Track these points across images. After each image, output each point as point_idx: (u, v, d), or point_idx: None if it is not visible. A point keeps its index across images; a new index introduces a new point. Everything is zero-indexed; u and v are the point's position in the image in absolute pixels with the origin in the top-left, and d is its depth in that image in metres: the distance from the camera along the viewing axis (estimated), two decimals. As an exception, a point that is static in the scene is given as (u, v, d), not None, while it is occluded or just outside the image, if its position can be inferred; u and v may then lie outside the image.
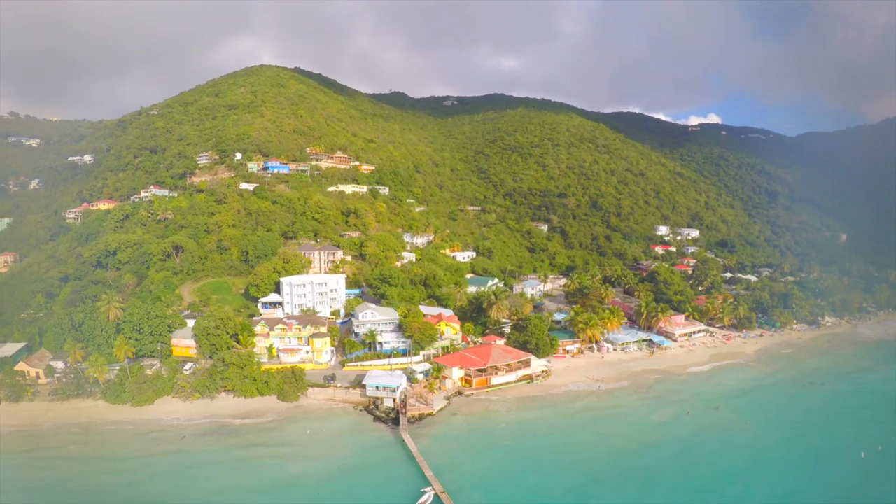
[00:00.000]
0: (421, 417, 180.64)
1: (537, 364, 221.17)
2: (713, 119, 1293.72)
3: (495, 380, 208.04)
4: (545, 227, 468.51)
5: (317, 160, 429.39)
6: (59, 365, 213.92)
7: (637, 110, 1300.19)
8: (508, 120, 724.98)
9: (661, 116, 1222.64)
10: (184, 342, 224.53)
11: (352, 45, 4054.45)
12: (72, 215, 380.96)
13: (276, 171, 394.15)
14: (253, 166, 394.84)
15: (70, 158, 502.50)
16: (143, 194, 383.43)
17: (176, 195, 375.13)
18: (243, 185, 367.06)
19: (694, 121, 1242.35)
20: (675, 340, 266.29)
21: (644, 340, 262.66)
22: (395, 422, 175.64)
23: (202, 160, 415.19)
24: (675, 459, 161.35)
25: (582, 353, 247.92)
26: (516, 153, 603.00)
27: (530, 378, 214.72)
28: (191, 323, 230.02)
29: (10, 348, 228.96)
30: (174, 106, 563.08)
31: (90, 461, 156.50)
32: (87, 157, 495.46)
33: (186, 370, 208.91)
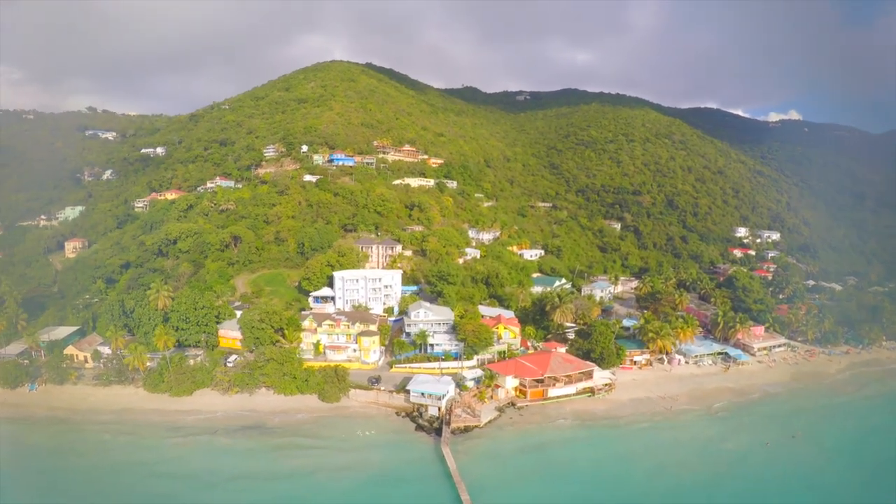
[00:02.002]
0: (466, 430, 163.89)
1: (600, 376, 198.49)
2: (793, 116, 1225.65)
3: (552, 391, 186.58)
4: (618, 226, 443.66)
5: (384, 153, 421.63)
6: (106, 350, 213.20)
7: (714, 106, 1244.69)
8: (582, 115, 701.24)
9: (740, 113, 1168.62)
10: (231, 333, 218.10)
11: (423, 40, 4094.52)
12: (140, 204, 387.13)
13: (340, 163, 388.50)
14: (318, 159, 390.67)
15: (143, 150, 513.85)
16: (208, 185, 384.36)
17: (240, 186, 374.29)
18: (307, 177, 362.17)
19: (774, 117, 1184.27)
20: (752, 355, 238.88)
21: (719, 353, 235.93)
22: (439, 432, 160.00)
23: (269, 152, 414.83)
24: (746, 497, 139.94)
25: (650, 364, 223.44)
26: (590, 149, 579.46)
27: (592, 391, 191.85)
28: (240, 314, 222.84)
29: (63, 331, 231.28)
30: (245, 100, 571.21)
31: (108, 449, 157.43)
32: (159, 150, 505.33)
33: (230, 362, 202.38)
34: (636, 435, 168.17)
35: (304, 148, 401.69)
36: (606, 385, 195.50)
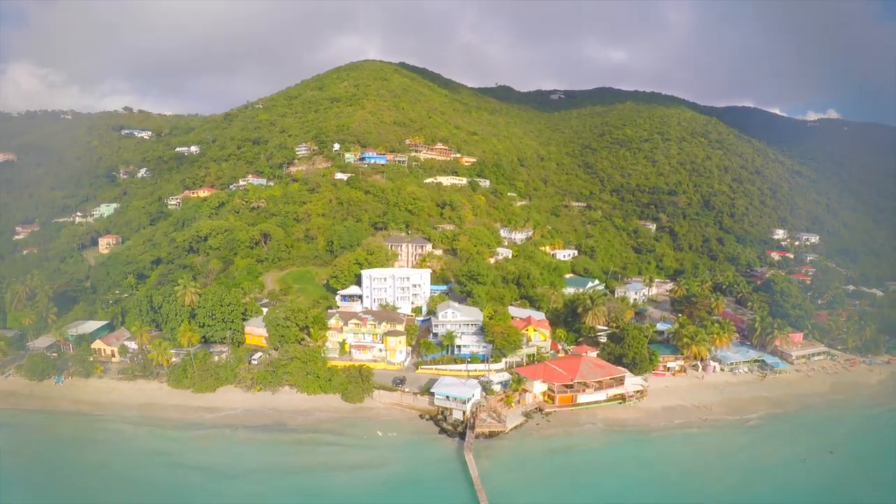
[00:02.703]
0: (491, 435, 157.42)
1: (632, 382, 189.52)
2: (832, 115, 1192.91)
3: (582, 397, 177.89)
4: (653, 227, 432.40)
5: (416, 151, 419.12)
6: (133, 345, 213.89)
7: (751, 104, 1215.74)
8: (617, 113, 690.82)
9: (777, 111, 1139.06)
10: (257, 331, 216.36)
11: (456, 39, 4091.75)
12: (173, 202, 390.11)
13: (372, 161, 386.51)
14: (350, 157, 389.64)
15: (177, 149, 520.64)
16: (240, 183, 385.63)
17: (272, 184, 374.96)
18: (338, 175, 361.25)
19: (812, 116, 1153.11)
20: (790, 363, 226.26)
21: (756, 361, 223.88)
22: (462, 437, 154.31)
23: (301, 151, 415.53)
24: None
25: (684, 371, 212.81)
26: (624, 147, 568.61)
27: (622, 398, 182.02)
28: (266, 312, 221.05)
29: (91, 326, 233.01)
30: (278, 100, 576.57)
31: (129, 440, 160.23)
32: (193, 148, 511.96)
33: (255, 359, 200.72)
34: (667, 445, 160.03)
35: (336, 146, 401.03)
36: (638, 392, 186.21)
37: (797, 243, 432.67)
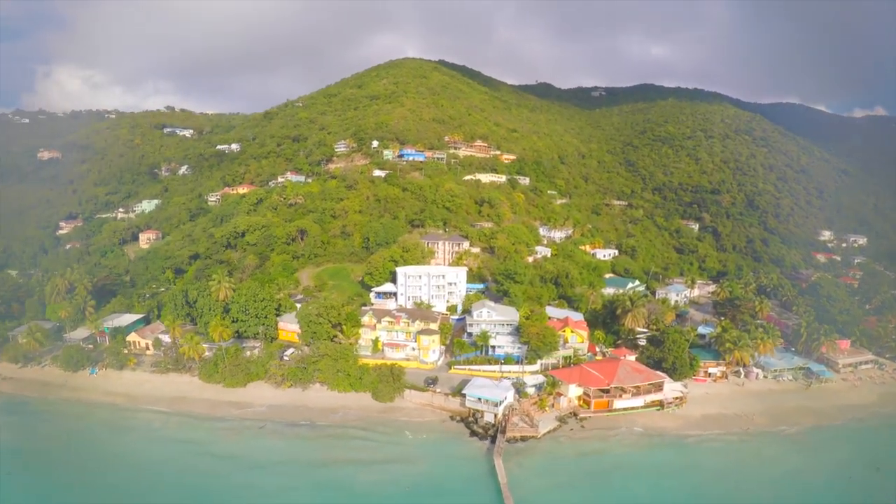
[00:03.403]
0: (522, 439, 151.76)
1: (671, 388, 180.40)
2: (880, 112, 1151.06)
3: (618, 403, 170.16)
4: (696, 227, 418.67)
5: (455, 148, 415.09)
6: (167, 339, 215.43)
7: (795, 101, 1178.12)
8: (659, 110, 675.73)
9: (823, 108, 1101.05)
10: (290, 327, 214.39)
11: (496, 36, 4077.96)
12: (213, 198, 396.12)
13: (411, 158, 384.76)
14: (388, 154, 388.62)
15: (218, 147, 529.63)
16: (279, 180, 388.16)
17: (310, 181, 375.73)
18: (376, 172, 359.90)
19: (858, 113, 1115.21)
20: (836, 371, 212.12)
21: (800, 368, 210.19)
22: (493, 440, 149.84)
23: (340, 148, 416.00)
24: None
25: (726, 377, 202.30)
26: (667, 145, 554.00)
27: (661, 405, 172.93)
28: (299, 308, 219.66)
29: (127, 319, 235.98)
30: (318, 98, 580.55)
31: (158, 429, 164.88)
32: (234, 146, 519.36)
33: (287, 355, 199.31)
34: (706, 456, 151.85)
35: (375, 143, 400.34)
36: (677, 399, 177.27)
37: (844, 245, 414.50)
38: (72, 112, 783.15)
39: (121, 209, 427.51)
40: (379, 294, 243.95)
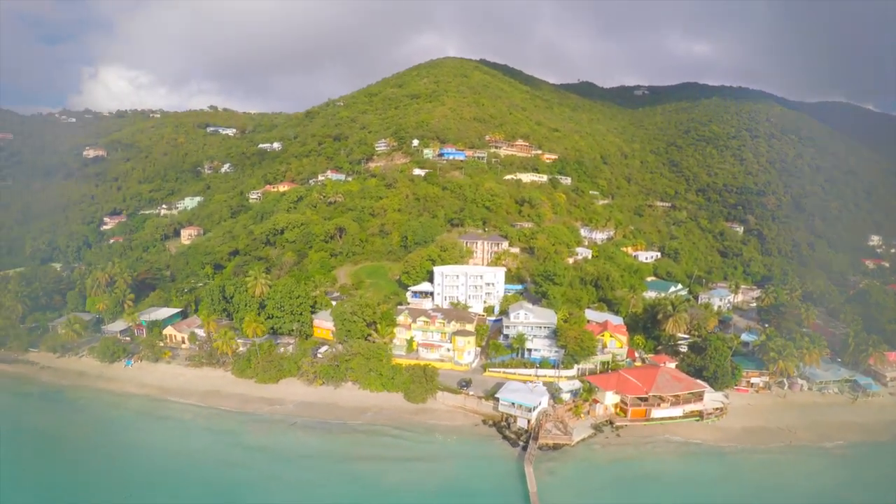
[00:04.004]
0: (555, 447, 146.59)
1: (711, 398, 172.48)
2: None
3: (656, 412, 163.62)
4: (740, 229, 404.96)
5: (496, 147, 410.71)
6: (202, 333, 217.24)
7: (842, 100, 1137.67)
8: (702, 109, 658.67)
9: (871, 107, 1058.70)
10: (325, 324, 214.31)
11: (537, 35, 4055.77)
12: (254, 196, 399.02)
13: (451, 157, 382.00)
14: (428, 153, 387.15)
15: (260, 146, 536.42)
16: (319, 178, 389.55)
17: (350, 179, 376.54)
18: (416, 171, 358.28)
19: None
20: (884, 384, 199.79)
21: (846, 381, 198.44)
22: (525, 447, 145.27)
23: (381, 147, 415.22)
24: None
25: (769, 388, 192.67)
26: (711, 145, 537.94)
27: (700, 415, 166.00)
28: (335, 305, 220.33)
29: (165, 312, 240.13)
30: (359, 97, 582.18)
31: (188, 419, 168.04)
32: (275, 145, 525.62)
33: (320, 353, 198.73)
34: (745, 470, 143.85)
35: (415, 142, 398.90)
36: (718, 409, 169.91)
37: (893, 250, 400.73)
38: (117, 112, 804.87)
39: (164, 206, 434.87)
40: (415, 293, 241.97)
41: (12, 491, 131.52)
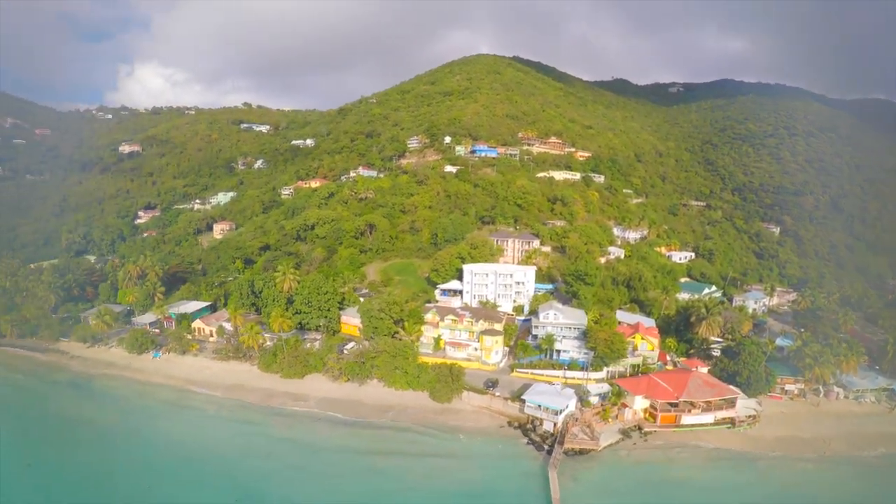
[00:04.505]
0: (581, 452, 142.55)
1: (744, 405, 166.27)
2: None
3: (687, 418, 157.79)
4: (776, 230, 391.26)
5: (528, 145, 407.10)
6: (230, 327, 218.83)
7: (882, 97, 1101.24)
8: (738, 107, 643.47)
9: None
10: (352, 321, 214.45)
11: (570, 32, 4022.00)
12: (286, 191, 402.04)
13: (483, 154, 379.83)
14: (460, 150, 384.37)
15: (293, 142, 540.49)
16: (351, 174, 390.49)
17: (381, 176, 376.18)
18: (448, 168, 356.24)
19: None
20: None
21: (884, 389, 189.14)
22: (551, 451, 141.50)
23: (413, 143, 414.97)
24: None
25: (803, 395, 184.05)
26: (747, 143, 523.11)
27: (732, 422, 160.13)
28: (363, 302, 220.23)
29: (194, 306, 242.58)
30: (391, 94, 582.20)
31: (214, 409, 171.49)
32: (308, 141, 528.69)
33: (346, 349, 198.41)
34: (777, 481, 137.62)
35: (447, 139, 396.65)
36: (750, 417, 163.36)
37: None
38: (153, 108, 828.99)
39: (197, 201, 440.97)
40: (444, 291, 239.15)
41: (37, 475, 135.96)
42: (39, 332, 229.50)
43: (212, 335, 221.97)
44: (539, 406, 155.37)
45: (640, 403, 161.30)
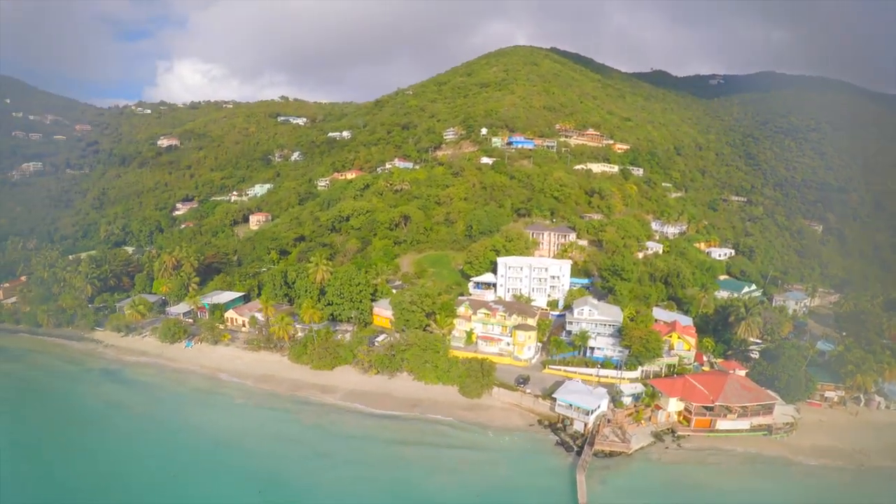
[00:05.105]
0: (611, 454, 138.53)
1: (782, 411, 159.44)
2: None
3: (722, 423, 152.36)
4: (819, 228, 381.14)
5: (566, 136, 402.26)
6: (262, 317, 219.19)
7: None
8: (781, 100, 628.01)
9: None
10: (384, 313, 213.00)
11: (608, 23, 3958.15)
12: (322, 183, 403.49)
13: (520, 146, 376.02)
14: (497, 141, 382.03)
15: (330, 134, 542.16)
16: (387, 166, 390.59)
17: (417, 168, 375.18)
18: (484, 160, 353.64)
19: None
20: None
21: None
22: (580, 451, 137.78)
23: (449, 135, 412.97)
24: None
25: (843, 403, 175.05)
26: (789, 137, 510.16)
27: (768, 429, 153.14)
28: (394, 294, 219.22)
29: (227, 296, 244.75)
30: (428, 86, 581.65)
31: (241, 397, 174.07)
32: (345, 133, 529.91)
33: (378, 341, 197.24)
34: (812, 492, 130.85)
35: (484, 131, 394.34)
36: (787, 424, 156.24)
37: None
38: (191, 103, 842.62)
39: (234, 193, 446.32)
40: (478, 284, 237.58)
41: (67, 459, 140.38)
42: (75, 321, 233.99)
43: (244, 325, 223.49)
44: (570, 405, 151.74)
45: (674, 406, 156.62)
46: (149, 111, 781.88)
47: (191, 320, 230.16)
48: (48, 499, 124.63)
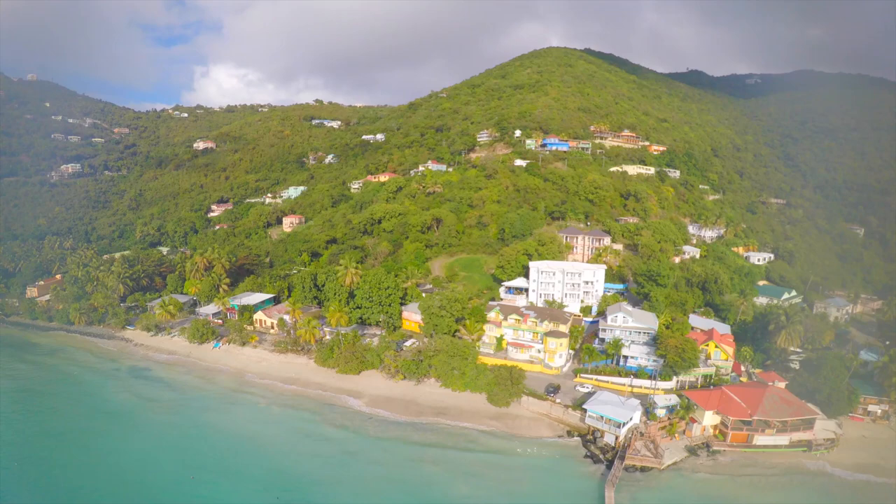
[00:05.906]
0: (643, 469, 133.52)
1: (822, 426, 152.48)
2: None
3: (759, 438, 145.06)
4: (861, 231, 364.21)
5: (601, 138, 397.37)
6: (289, 319, 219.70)
7: None
8: (819, 99, 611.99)
9: None
10: (414, 317, 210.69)
11: (643, 23, 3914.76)
12: (355, 186, 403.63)
13: (554, 147, 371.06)
14: (531, 143, 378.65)
15: (364, 137, 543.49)
16: (420, 168, 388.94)
17: (450, 170, 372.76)
18: (517, 162, 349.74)
19: None
20: None
21: None
22: (610, 465, 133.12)
23: (482, 137, 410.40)
24: None
25: (887, 418, 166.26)
26: (829, 138, 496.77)
27: (808, 445, 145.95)
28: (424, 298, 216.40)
29: (256, 297, 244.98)
30: (462, 88, 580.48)
31: (264, 400, 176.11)
32: (379, 136, 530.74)
33: (406, 346, 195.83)
34: None
35: (518, 133, 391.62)
36: (828, 440, 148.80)
37: None
38: (227, 107, 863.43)
39: (269, 195, 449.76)
40: (509, 289, 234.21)
41: (90, 454, 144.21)
42: (107, 319, 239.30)
43: (272, 327, 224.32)
44: (601, 417, 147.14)
45: (709, 419, 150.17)
46: (185, 115, 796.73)
47: (220, 321, 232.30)
48: (68, 488, 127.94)
